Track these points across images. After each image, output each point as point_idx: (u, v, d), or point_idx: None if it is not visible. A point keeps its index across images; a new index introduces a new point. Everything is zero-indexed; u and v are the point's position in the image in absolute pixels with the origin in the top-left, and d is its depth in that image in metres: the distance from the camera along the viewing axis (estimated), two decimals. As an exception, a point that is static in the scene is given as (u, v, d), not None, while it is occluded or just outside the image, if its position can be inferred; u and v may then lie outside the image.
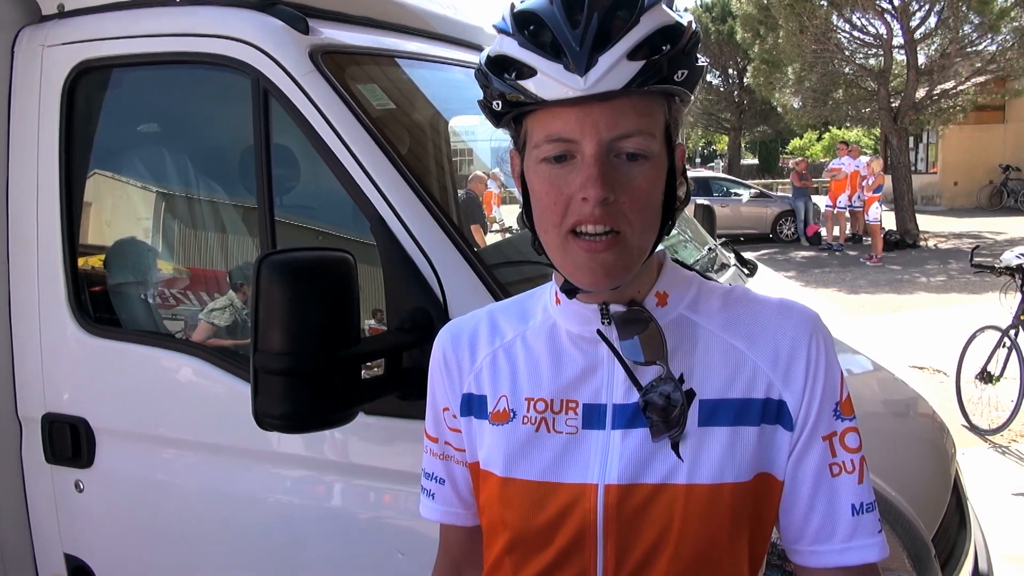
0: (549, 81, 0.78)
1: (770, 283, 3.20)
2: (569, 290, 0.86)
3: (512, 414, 0.90)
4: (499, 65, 0.82)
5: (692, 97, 0.85)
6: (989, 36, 14.78)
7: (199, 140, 2.20)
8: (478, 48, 2.45)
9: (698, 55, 0.83)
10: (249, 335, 1.27)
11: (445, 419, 0.99)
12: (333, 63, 1.67)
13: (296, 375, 1.25)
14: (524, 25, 0.81)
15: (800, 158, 17.81)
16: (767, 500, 0.87)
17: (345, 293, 1.29)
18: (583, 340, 0.89)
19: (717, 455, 0.83)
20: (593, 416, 0.87)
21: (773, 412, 0.85)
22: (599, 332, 0.87)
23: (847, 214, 14.24)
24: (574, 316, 0.90)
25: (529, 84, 0.79)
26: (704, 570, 0.83)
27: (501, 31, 0.83)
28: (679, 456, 0.82)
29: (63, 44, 1.86)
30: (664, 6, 0.80)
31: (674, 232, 2.83)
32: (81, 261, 1.93)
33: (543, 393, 0.89)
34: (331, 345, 1.27)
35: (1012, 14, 14.13)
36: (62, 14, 1.91)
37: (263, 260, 1.23)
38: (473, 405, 0.95)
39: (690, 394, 0.84)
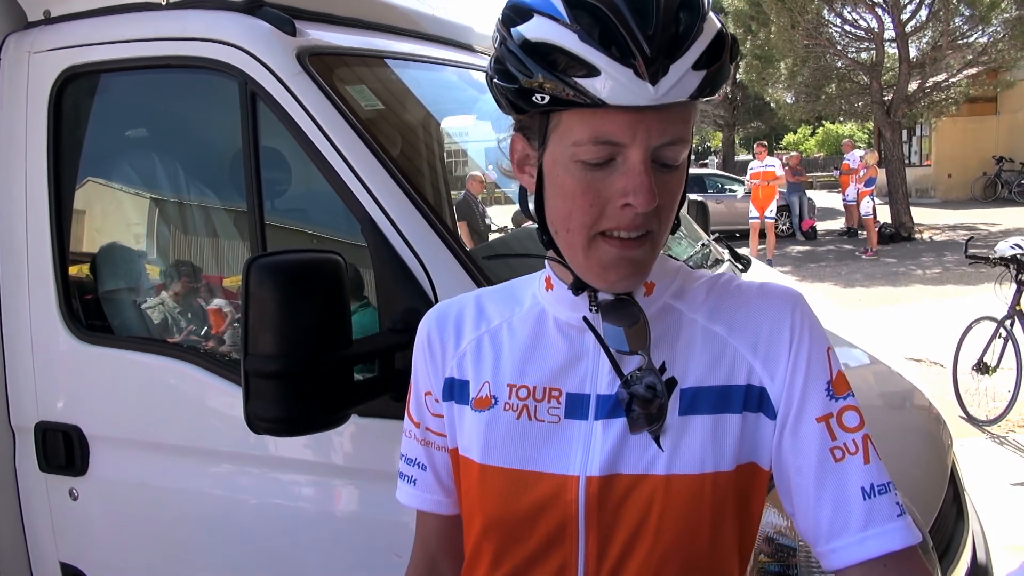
0: (615, 85, 0.72)
1: (764, 278, 3.20)
2: (578, 288, 0.84)
3: (494, 400, 0.89)
4: (543, 54, 0.74)
5: None
6: (980, 28, 14.83)
7: (188, 144, 2.19)
8: (468, 47, 2.45)
9: None
10: (239, 338, 1.26)
11: (427, 403, 0.97)
12: (321, 65, 1.66)
13: (288, 378, 1.25)
14: (583, 15, 0.73)
15: (793, 153, 17.82)
16: (753, 490, 0.86)
17: (336, 295, 1.28)
18: (571, 328, 0.88)
19: (698, 444, 0.81)
20: (576, 406, 0.85)
21: (755, 400, 0.83)
22: (585, 319, 0.85)
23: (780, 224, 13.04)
24: (563, 302, 0.88)
25: (588, 83, 0.72)
26: (685, 560, 0.82)
27: (543, 13, 0.75)
28: (660, 447, 0.81)
29: (50, 50, 1.85)
30: (711, 12, 0.77)
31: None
32: (72, 268, 1.92)
33: (526, 380, 0.88)
34: (323, 347, 1.27)
35: (1003, 5, 14.17)
36: (48, 20, 1.90)
37: (252, 263, 1.22)
38: (455, 390, 0.93)
39: (671, 383, 0.82)
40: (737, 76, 22.58)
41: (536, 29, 0.75)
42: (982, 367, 5.06)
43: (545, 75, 0.74)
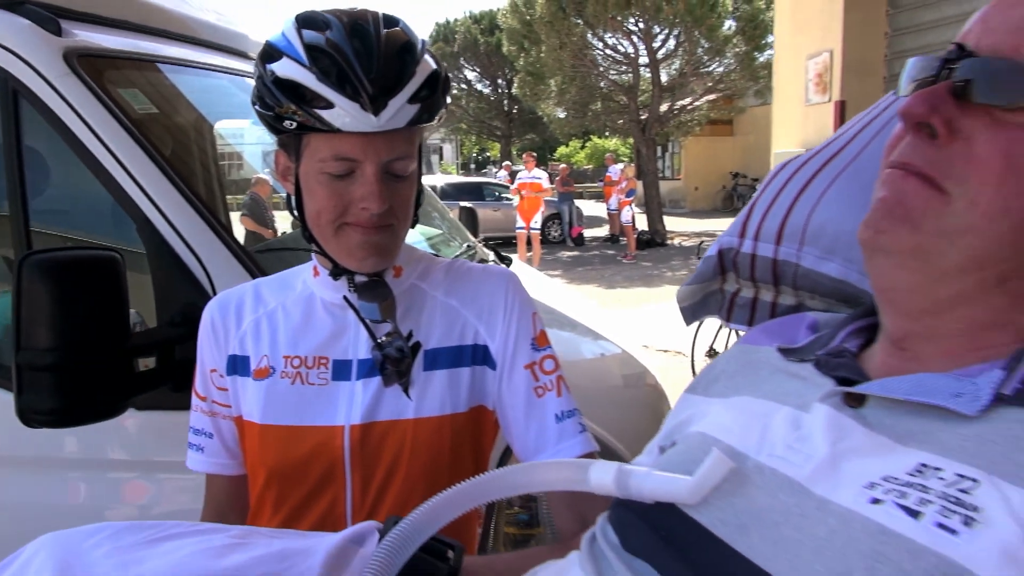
0: (346, 116, 0.91)
1: (526, 276, 3.55)
2: (336, 273, 1.03)
3: (272, 370, 1.05)
4: (292, 90, 0.93)
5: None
6: (717, 59, 16.86)
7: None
8: (242, 55, 2.51)
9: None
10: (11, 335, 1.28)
11: (213, 379, 1.11)
12: (90, 66, 1.68)
13: (64, 370, 1.29)
14: (320, 59, 0.92)
15: (563, 165, 19.07)
16: (483, 427, 1.09)
17: (113, 290, 1.34)
18: (334, 306, 1.07)
19: (438, 393, 1.03)
20: (341, 369, 1.04)
21: (481, 355, 1.07)
22: (346, 298, 1.05)
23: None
24: (327, 286, 1.07)
25: (326, 114, 0.92)
26: (431, 484, 1.01)
27: (289, 56, 0.94)
28: (409, 397, 1.02)
29: None
30: (427, 56, 0.99)
31: (440, 232, 3.09)
32: None
33: (299, 351, 1.05)
34: (100, 340, 1.32)
35: (734, 41, 16.23)
36: None
37: (24, 260, 1.26)
38: (238, 365, 1.08)
39: (416, 346, 1.03)
40: (512, 90, 23.68)
41: (284, 68, 0.94)
42: (712, 353, 5.88)
43: (293, 106, 0.93)
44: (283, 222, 5.01)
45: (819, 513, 0.52)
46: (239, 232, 4.66)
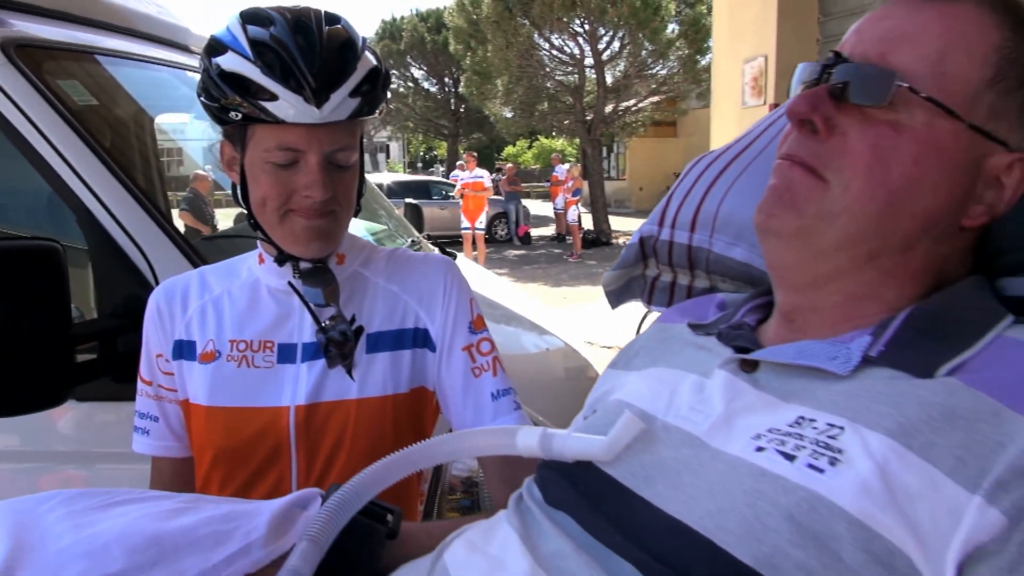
0: (289, 108, 0.95)
1: (470, 272, 3.60)
2: (281, 260, 1.06)
3: (218, 354, 1.08)
4: (237, 82, 0.96)
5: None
6: (661, 62, 17.16)
7: None
8: (184, 48, 2.50)
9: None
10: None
11: (159, 364, 1.14)
12: (28, 57, 1.67)
13: (3, 359, 1.29)
14: (265, 53, 0.96)
15: (509, 164, 19.16)
16: (424, 407, 1.15)
17: (55, 280, 1.35)
18: (279, 292, 1.11)
19: (380, 374, 1.08)
20: (286, 353, 1.08)
21: (421, 338, 1.12)
22: (290, 283, 1.08)
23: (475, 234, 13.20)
24: (272, 272, 1.11)
25: (270, 106, 0.96)
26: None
27: (235, 50, 0.97)
28: (352, 378, 1.07)
29: None
30: (368, 52, 1.03)
31: (385, 228, 3.12)
32: None
33: (244, 336, 1.09)
34: (41, 329, 1.33)
35: (677, 44, 16.54)
36: None
37: (-40, 250, 1.26)
38: (184, 350, 1.11)
39: (359, 330, 1.08)
40: (459, 90, 23.69)
41: (229, 62, 0.97)
42: (654, 349, 6.02)
43: (238, 98, 0.96)
44: (224, 219, 4.96)
45: (713, 462, 0.59)
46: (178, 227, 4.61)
